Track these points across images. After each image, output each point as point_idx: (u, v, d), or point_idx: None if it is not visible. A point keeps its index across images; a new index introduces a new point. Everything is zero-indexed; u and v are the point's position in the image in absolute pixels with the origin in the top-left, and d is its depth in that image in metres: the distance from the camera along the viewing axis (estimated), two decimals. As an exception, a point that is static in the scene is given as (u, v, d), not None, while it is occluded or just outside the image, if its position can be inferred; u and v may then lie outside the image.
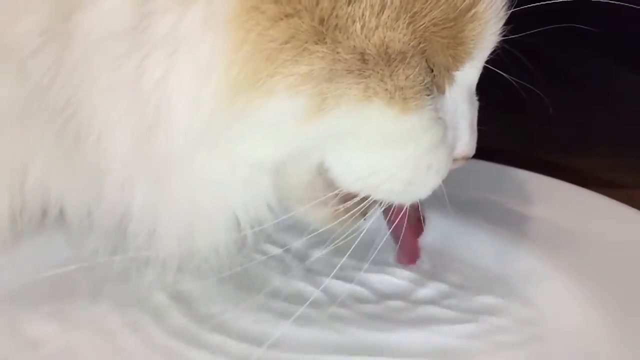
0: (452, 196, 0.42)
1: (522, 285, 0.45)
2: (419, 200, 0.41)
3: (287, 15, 0.32)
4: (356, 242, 0.40)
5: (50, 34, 0.34)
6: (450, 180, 0.41)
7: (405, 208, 0.41)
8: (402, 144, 0.37)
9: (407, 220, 0.42)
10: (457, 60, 0.38)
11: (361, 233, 0.41)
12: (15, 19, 0.34)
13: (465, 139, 0.40)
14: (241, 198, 0.39)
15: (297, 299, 0.42)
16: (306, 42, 0.33)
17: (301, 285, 0.45)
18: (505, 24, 0.39)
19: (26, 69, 0.35)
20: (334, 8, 0.33)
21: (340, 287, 0.44)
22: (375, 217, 0.43)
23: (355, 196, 0.40)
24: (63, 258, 0.45)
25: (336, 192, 0.40)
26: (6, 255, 0.43)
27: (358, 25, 0.33)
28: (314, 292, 0.43)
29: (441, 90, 0.39)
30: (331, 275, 0.42)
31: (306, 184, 0.41)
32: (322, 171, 0.40)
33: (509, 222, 0.51)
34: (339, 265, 0.41)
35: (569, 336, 0.40)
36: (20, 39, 0.34)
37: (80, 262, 0.45)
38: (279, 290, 0.44)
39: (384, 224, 0.45)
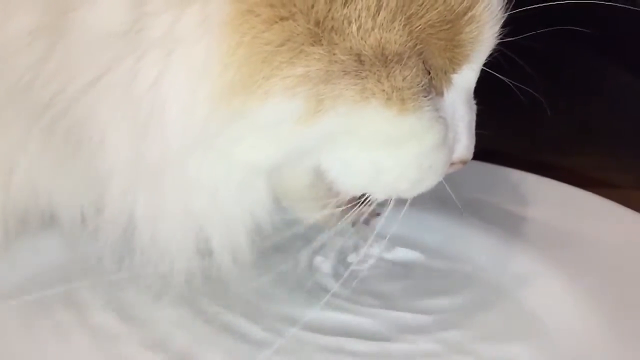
0: (448, 197, 0.42)
1: (518, 286, 0.45)
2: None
3: (282, 18, 0.32)
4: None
5: (38, 32, 0.33)
6: (446, 180, 0.41)
7: None
8: (404, 143, 0.37)
9: None
10: (455, 63, 0.38)
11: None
12: (6, 18, 0.33)
13: (464, 143, 0.40)
14: (236, 202, 0.39)
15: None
16: (302, 44, 0.33)
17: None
18: (502, 26, 0.39)
19: (7, 66, 0.34)
20: (329, 10, 0.33)
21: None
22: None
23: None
24: (57, 262, 0.45)
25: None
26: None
27: (354, 27, 0.33)
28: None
29: (439, 93, 0.39)
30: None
31: (309, 187, 0.40)
32: (319, 174, 0.39)
33: (505, 223, 0.51)
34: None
35: (564, 337, 0.40)
36: (9, 38, 0.33)
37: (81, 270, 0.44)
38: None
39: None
